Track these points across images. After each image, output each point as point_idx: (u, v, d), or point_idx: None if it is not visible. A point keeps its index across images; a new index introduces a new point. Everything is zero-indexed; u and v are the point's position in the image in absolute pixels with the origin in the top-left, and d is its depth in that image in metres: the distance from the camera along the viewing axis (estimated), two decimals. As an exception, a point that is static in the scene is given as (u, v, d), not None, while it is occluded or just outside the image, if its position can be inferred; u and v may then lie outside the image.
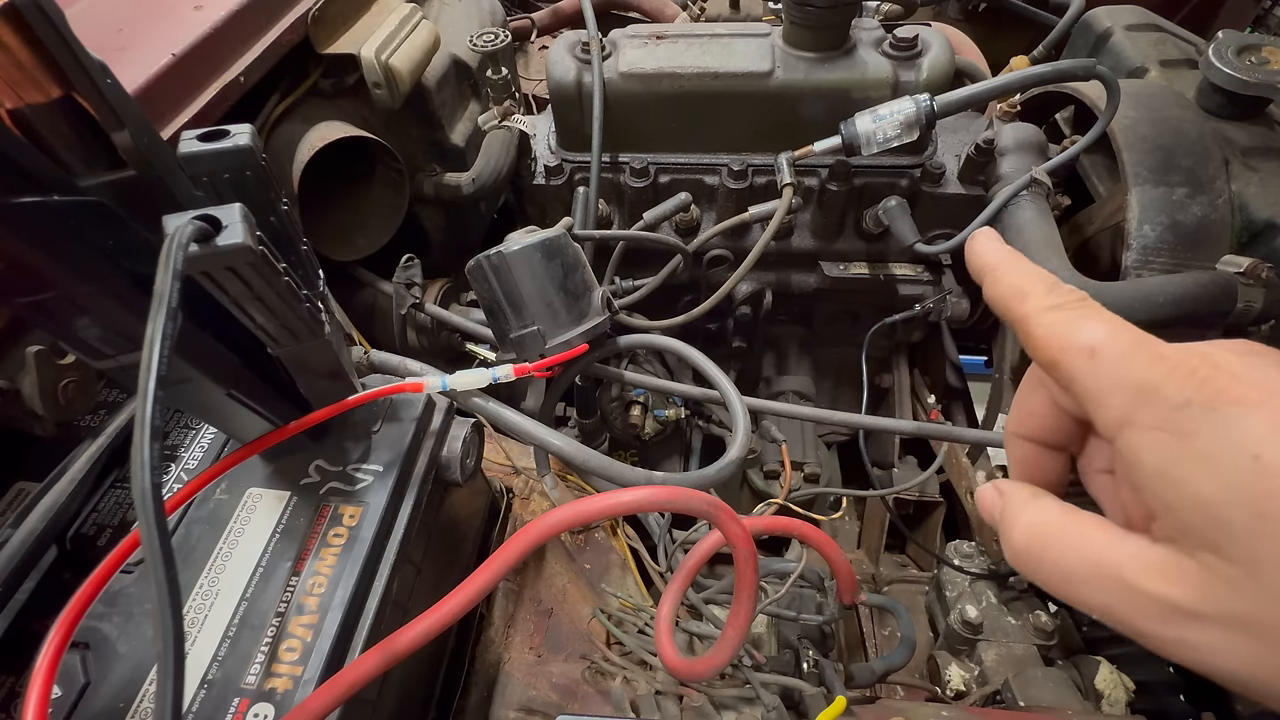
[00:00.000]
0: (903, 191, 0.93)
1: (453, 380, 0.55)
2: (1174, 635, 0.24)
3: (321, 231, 0.85)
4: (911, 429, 0.66)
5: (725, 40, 0.89)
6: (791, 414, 0.69)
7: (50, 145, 0.37)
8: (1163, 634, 0.24)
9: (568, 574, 0.78)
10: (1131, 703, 0.79)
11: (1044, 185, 0.83)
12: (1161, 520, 0.25)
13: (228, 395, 0.44)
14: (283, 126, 0.75)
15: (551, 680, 0.68)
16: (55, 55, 0.34)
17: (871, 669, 0.74)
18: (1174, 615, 0.24)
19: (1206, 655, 0.24)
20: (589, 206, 0.91)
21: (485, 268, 0.64)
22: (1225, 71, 0.80)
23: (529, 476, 0.82)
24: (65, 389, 0.54)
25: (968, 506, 1.06)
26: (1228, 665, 0.24)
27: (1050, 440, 0.32)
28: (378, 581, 0.48)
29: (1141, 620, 0.25)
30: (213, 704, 0.42)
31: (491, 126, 0.90)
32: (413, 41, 0.83)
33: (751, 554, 0.43)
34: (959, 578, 0.94)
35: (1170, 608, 0.24)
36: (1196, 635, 0.24)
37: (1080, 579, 0.26)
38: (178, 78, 0.60)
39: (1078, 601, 0.27)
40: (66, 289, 0.35)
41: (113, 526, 0.51)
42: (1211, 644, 0.23)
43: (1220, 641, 0.23)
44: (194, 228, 0.33)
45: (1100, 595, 0.26)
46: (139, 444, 0.30)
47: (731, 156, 0.93)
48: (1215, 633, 0.23)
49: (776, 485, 1.05)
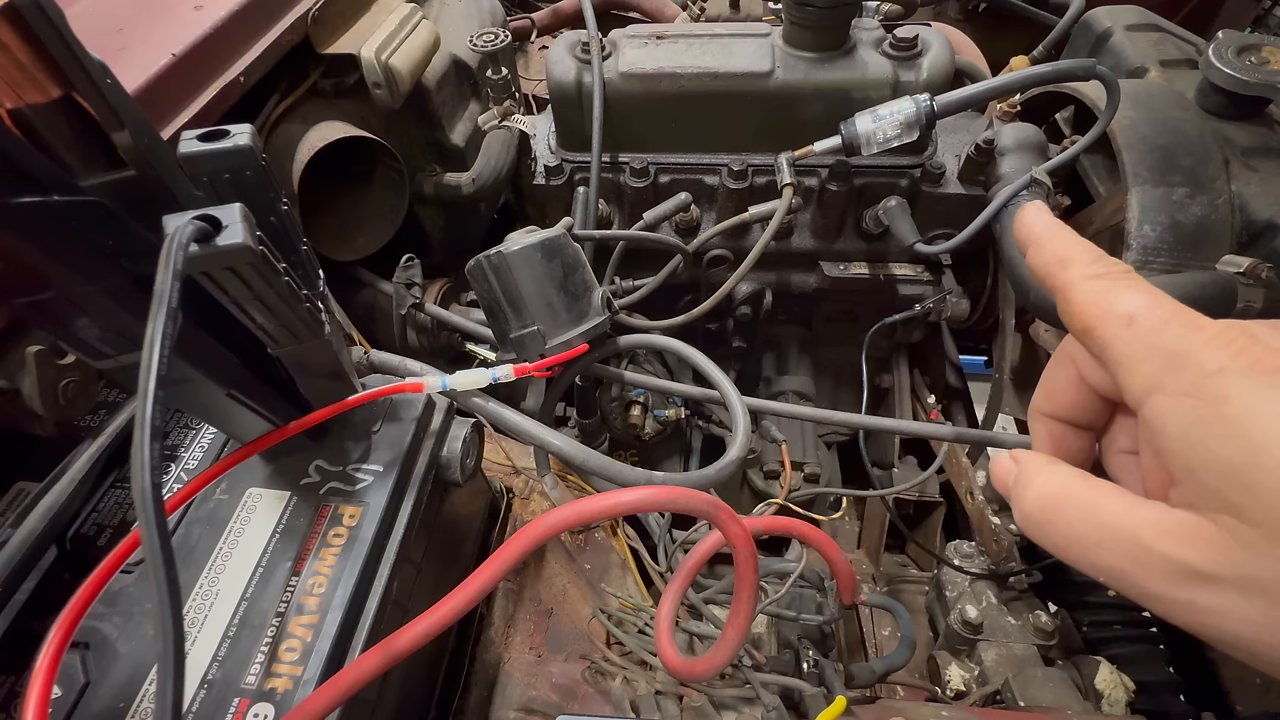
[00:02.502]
0: (903, 191, 0.93)
1: (453, 380, 0.55)
2: (1185, 598, 0.24)
3: (321, 231, 0.85)
4: (912, 429, 0.66)
5: (725, 40, 0.89)
6: (791, 414, 0.69)
7: (50, 145, 0.37)
8: (1174, 595, 0.25)
9: (568, 574, 0.78)
10: (1131, 703, 0.79)
11: (1044, 185, 0.83)
12: (1182, 485, 0.25)
13: (228, 395, 0.44)
14: (283, 126, 0.75)
15: (551, 680, 0.68)
16: (55, 55, 0.34)
17: (871, 669, 0.74)
18: (1188, 577, 0.24)
19: (1216, 619, 0.24)
20: (589, 206, 0.91)
21: (485, 268, 0.64)
22: (1225, 71, 0.80)
23: (529, 476, 0.82)
24: (65, 389, 0.54)
25: (968, 506, 1.06)
26: (1237, 629, 0.24)
27: (1075, 418, 0.32)
28: (378, 581, 0.48)
29: (1154, 582, 0.25)
30: (213, 704, 0.42)
31: (491, 126, 0.90)
32: (413, 41, 0.83)
33: (751, 554, 0.43)
34: (959, 578, 0.94)
35: (1184, 570, 0.24)
36: (1209, 598, 0.24)
37: (1093, 541, 0.27)
38: (178, 78, 0.60)
39: (1086, 564, 0.27)
40: (66, 289, 0.35)
41: (113, 526, 0.51)
42: (1223, 607, 0.24)
43: (1233, 605, 0.23)
44: (194, 228, 0.33)
45: (1112, 557, 0.26)
46: (139, 444, 0.30)
47: (731, 156, 0.93)
48: (1228, 595, 0.23)
49: (776, 485, 1.05)
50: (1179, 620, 0.25)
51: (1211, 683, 0.97)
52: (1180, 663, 1.01)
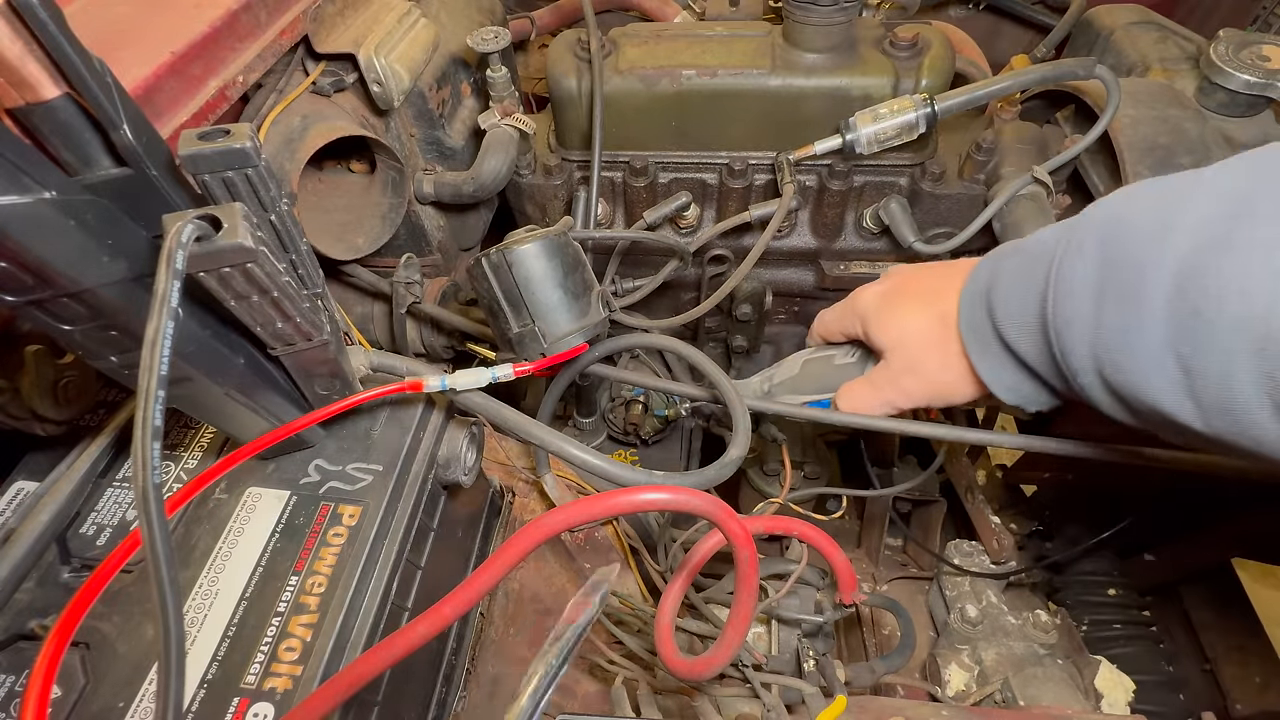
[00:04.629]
0: (903, 191, 0.93)
1: (452, 380, 0.54)
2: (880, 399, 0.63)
3: (321, 231, 0.84)
4: (912, 429, 0.66)
5: (725, 39, 0.89)
6: (791, 414, 0.69)
7: (50, 145, 0.37)
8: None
9: (568, 574, 0.78)
10: (1131, 703, 0.79)
11: (1044, 185, 0.83)
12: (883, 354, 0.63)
13: (227, 395, 0.44)
14: (282, 125, 0.75)
15: (551, 680, 0.68)
16: (55, 54, 0.34)
17: (871, 669, 0.74)
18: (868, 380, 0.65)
19: (877, 400, 0.63)
20: (589, 206, 0.91)
21: (485, 267, 0.64)
22: (1226, 70, 0.80)
23: (529, 476, 0.82)
24: (64, 388, 0.54)
25: (968, 506, 1.06)
26: (872, 401, 0.64)
27: (834, 338, 0.73)
28: (378, 581, 0.48)
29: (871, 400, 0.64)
30: (213, 704, 0.42)
31: (491, 126, 0.90)
32: (412, 40, 0.82)
33: (752, 554, 0.43)
34: (959, 577, 0.94)
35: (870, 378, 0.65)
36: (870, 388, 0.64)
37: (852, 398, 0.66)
38: (177, 76, 0.60)
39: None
40: (66, 289, 0.35)
41: (113, 526, 0.51)
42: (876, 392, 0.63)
43: (874, 388, 0.64)
44: (194, 227, 0.33)
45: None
46: (139, 444, 0.30)
47: (731, 155, 0.93)
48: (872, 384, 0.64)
49: (776, 485, 1.05)
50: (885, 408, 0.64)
51: (1211, 682, 0.97)
52: (1180, 663, 1.01)
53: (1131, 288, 0.39)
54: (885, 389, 0.61)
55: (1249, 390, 0.35)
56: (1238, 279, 0.34)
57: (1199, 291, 0.36)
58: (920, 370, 0.58)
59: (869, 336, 0.63)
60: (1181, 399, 0.38)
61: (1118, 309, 0.40)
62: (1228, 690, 0.95)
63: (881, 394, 0.62)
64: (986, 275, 0.53)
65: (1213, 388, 0.36)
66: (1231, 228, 0.35)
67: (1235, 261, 0.34)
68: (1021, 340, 0.48)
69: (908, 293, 0.61)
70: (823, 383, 0.71)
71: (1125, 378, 0.41)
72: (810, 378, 0.74)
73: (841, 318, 0.68)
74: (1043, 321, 0.46)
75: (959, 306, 0.54)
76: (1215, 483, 0.83)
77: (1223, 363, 0.35)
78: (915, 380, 0.59)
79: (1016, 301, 0.48)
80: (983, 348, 0.53)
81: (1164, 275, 0.37)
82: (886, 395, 0.61)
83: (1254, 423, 0.35)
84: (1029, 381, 0.52)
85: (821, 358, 0.73)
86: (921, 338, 0.58)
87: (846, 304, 0.68)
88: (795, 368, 0.75)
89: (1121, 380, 0.41)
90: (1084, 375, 0.44)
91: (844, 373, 0.69)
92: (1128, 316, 0.39)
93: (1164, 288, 0.37)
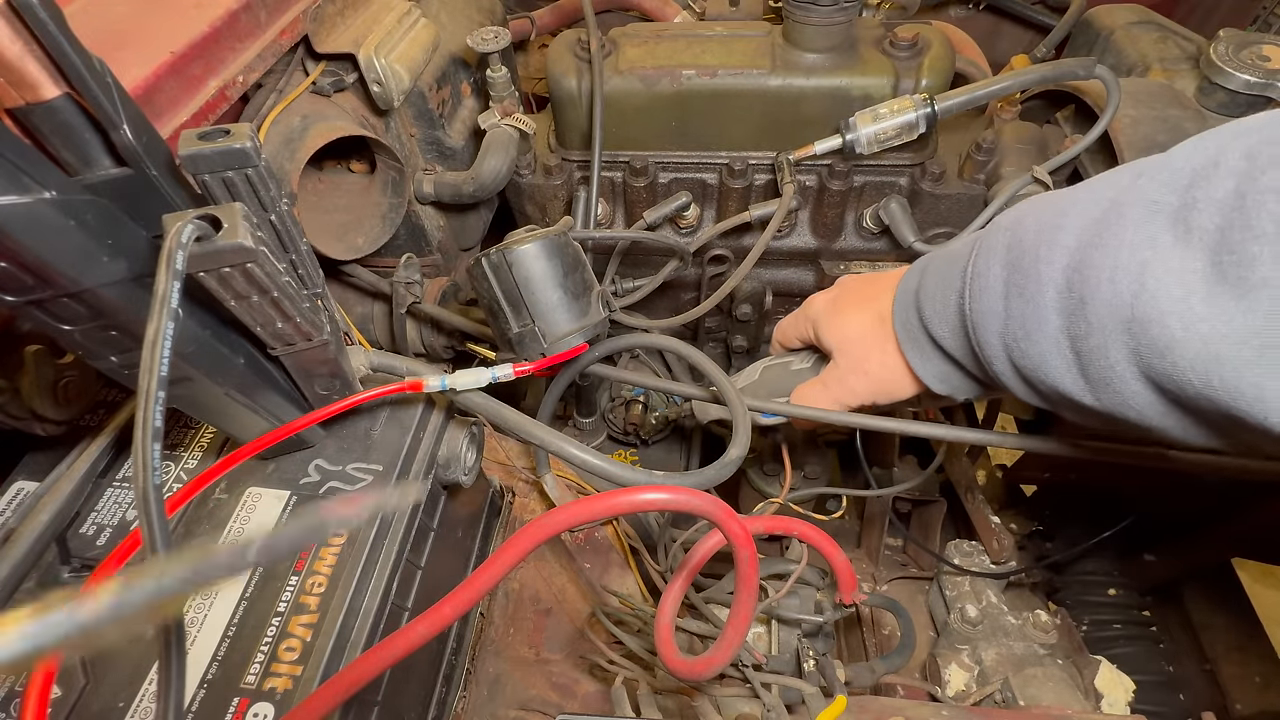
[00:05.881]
0: (903, 190, 0.93)
1: (452, 380, 0.54)
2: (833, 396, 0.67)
3: (321, 231, 0.84)
4: (912, 429, 0.66)
5: (725, 39, 0.89)
6: (791, 414, 0.69)
7: (50, 145, 0.37)
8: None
9: (568, 574, 0.78)
10: (1131, 703, 0.79)
11: (1044, 184, 0.83)
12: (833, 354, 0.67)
13: (227, 395, 0.44)
14: (282, 125, 0.75)
15: (551, 680, 0.68)
16: (55, 54, 0.34)
17: (871, 669, 0.74)
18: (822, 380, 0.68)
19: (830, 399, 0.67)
20: (589, 206, 0.91)
21: (485, 267, 0.64)
22: (1226, 70, 0.80)
23: (529, 476, 0.82)
24: (64, 388, 0.54)
25: (968, 506, 1.06)
26: (824, 399, 0.67)
27: (791, 345, 0.76)
28: (377, 581, 0.48)
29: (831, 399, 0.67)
30: (213, 704, 0.42)
31: (491, 126, 0.90)
32: (412, 40, 0.82)
33: (752, 554, 0.43)
34: (959, 577, 0.94)
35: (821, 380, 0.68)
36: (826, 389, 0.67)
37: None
38: (177, 76, 0.60)
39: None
40: (66, 289, 0.35)
41: (113, 526, 0.51)
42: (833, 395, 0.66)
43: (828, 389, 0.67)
44: (194, 227, 0.33)
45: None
46: (139, 444, 0.30)
47: (731, 155, 0.93)
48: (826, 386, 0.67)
49: (776, 485, 1.05)
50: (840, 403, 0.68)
51: (1211, 682, 0.97)
52: (1180, 663, 1.01)
53: (1031, 283, 0.45)
54: (834, 388, 0.66)
55: (1122, 365, 0.41)
56: (1109, 270, 0.40)
57: (1082, 282, 0.42)
58: (864, 368, 0.64)
59: (820, 340, 0.68)
60: (1076, 378, 0.44)
61: (1021, 302, 0.46)
62: (1228, 690, 0.95)
63: (831, 393, 0.66)
64: (915, 278, 0.59)
65: (1097, 365, 0.42)
66: (1103, 229, 0.42)
67: (1107, 256, 0.41)
68: (945, 334, 0.55)
69: (852, 298, 0.66)
70: (779, 386, 0.74)
71: (1030, 362, 0.47)
72: (768, 383, 0.76)
73: (796, 324, 0.72)
74: (962, 317, 0.52)
75: (893, 308, 0.60)
76: (1215, 483, 0.83)
77: (1101, 342, 0.41)
78: (860, 378, 0.64)
79: (940, 300, 0.54)
80: (914, 343, 0.59)
81: (1055, 271, 0.44)
82: (835, 394, 0.66)
83: (1132, 393, 0.41)
84: (956, 372, 0.57)
85: (780, 364, 0.76)
86: (863, 338, 0.63)
87: (801, 311, 0.72)
88: (755, 374, 0.78)
89: (1027, 365, 0.47)
90: (998, 362, 0.50)
91: (799, 377, 0.72)
92: (1029, 308, 0.46)
93: (1056, 281, 0.44)
